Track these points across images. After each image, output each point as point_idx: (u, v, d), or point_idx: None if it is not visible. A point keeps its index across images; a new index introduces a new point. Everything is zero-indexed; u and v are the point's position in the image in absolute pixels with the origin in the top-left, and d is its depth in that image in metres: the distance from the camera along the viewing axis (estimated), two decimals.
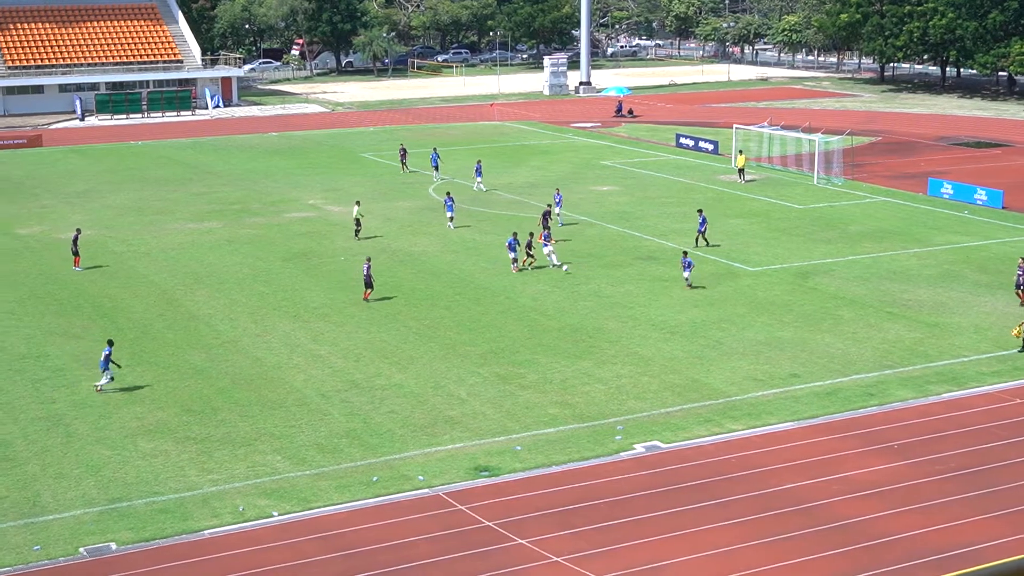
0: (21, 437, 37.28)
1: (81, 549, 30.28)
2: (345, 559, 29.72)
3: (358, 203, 64.66)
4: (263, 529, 31.37)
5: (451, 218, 65.85)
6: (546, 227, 60.23)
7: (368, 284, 51.34)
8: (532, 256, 55.93)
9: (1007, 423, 37.93)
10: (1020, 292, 49.83)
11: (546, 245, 57.30)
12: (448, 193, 68.12)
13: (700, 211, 61.47)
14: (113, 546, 30.47)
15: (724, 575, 28.79)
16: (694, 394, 40.51)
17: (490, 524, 31.44)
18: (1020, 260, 50.53)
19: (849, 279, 54.38)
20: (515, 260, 56.11)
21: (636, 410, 39.11)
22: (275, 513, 32.19)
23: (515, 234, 56.75)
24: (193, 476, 34.45)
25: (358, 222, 63.26)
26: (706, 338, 46.29)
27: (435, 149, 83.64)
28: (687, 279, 52.33)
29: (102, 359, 40.94)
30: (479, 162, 77.85)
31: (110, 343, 41.81)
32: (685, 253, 53.07)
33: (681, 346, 45.41)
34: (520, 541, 30.48)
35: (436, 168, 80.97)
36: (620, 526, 31.24)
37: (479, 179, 76.47)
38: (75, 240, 58.39)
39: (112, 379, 41.01)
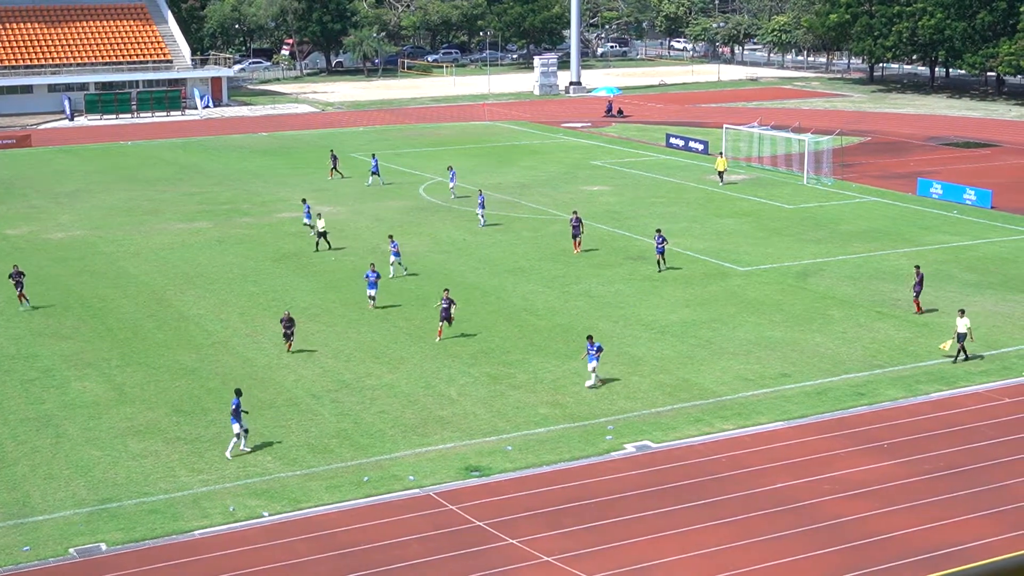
0: (10, 438, 37.21)
1: (71, 550, 30.25)
2: (336, 559, 29.71)
3: (320, 215, 62.17)
4: (253, 529, 31.35)
5: (308, 225, 64.10)
6: (576, 235, 59.63)
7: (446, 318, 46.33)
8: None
9: (996, 422, 38.02)
10: (917, 300, 49.00)
11: (395, 256, 54.85)
12: (304, 200, 67.15)
13: (659, 231, 56.66)
14: (103, 547, 30.44)
15: (714, 574, 28.83)
16: (684, 394, 40.56)
17: (481, 524, 31.45)
18: (915, 267, 50.06)
19: (839, 279, 54.48)
20: (373, 298, 50.27)
21: (626, 410, 39.15)
22: (265, 513, 32.17)
23: (372, 265, 51.81)
24: (183, 476, 34.42)
25: (324, 234, 60.77)
26: (696, 338, 46.34)
27: (374, 155, 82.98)
28: (592, 371, 41.05)
29: (232, 413, 36.08)
30: (451, 168, 76.63)
31: (238, 393, 36.70)
32: (590, 338, 41.40)
33: (671, 346, 45.46)
34: (511, 541, 30.50)
35: (376, 173, 79.75)
36: (610, 526, 31.27)
37: (452, 185, 74.77)
38: (15, 276, 51.64)
39: (246, 431, 36.15)
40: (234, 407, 35.92)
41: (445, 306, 45.88)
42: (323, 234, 60.76)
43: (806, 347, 45.17)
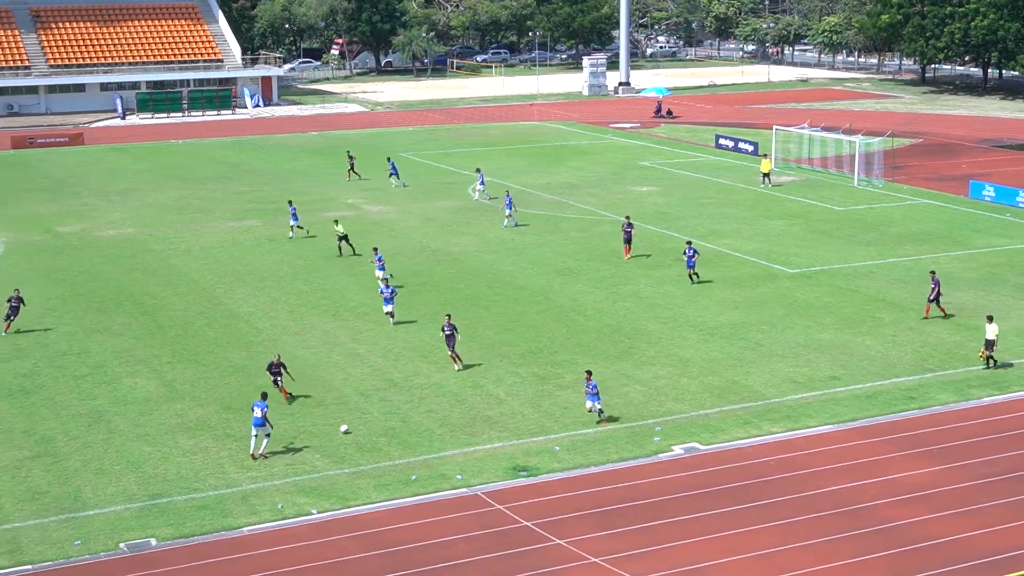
0: (62, 433, 37.57)
1: (121, 544, 30.49)
2: (383, 557, 29.77)
3: (337, 222, 61.48)
4: (302, 527, 31.47)
5: (293, 227, 63.99)
6: (628, 241, 58.64)
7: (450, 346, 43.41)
8: None
9: None
10: (935, 305, 48.21)
11: (380, 269, 52.97)
12: (290, 201, 66.61)
13: (689, 243, 55.00)
14: (153, 542, 30.66)
15: None
16: (733, 396, 40.37)
17: (528, 524, 31.44)
18: (931, 273, 49.28)
19: (890, 281, 54.05)
20: (391, 314, 48.35)
21: (675, 411, 39.01)
22: (314, 511, 32.30)
23: (386, 280, 50.03)
24: (233, 473, 34.62)
25: (346, 238, 60.03)
26: (745, 340, 46.12)
27: (389, 158, 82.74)
28: (596, 408, 38.28)
29: (258, 416, 35.43)
30: (479, 170, 76.45)
31: (264, 396, 36.20)
32: (589, 374, 38.41)
33: (720, 348, 45.26)
34: (558, 541, 30.46)
35: (396, 175, 79.49)
36: (658, 527, 31.18)
37: (481, 187, 74.28)
38: (14, 300, 48.17)
39: (269, 434, 35.80)
40: (263, 412, 35.54)
41: (448, 333, 43.06)
42: (344, 237, 60.11)
43: (856, 350, 44.84)
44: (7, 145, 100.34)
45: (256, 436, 35.70)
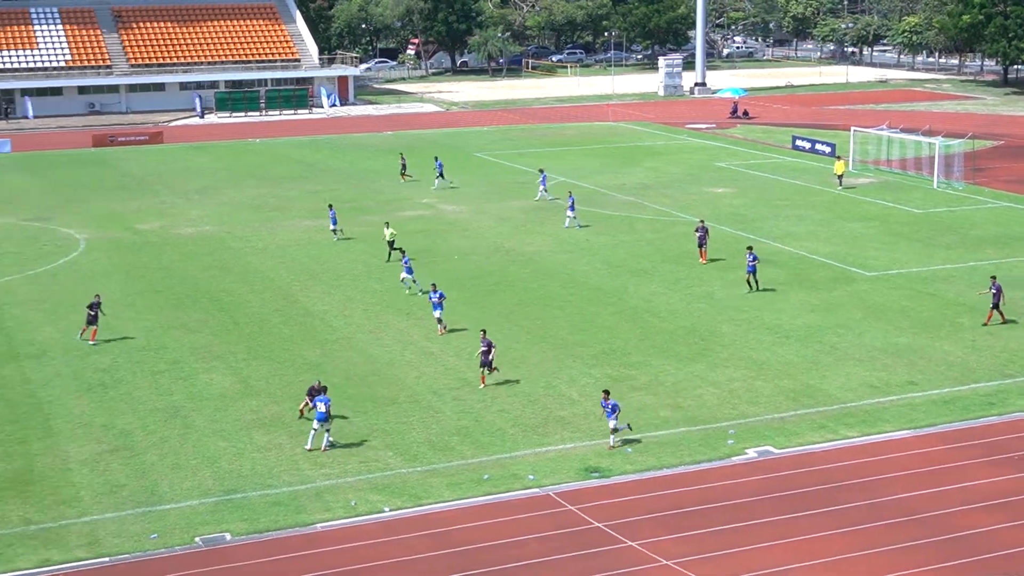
0: (140, 427, 38.04)
1: (197, 538, 30.81)
2: (454, 556, 29.81)
3: (388, 224, 61.03)
4: (374, 524, 31.61)
5: (334, 230, 63.99)
6: (702, 245, 57.75)
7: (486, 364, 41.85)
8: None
9: None
10: (998, 311, 47.41)
11: (407, 268, 52.59)
12: (330, 205, 66.11)
13: (750, 248, 53.49)
14: (228, 536, 30.95)
15: None
16: (808, 399, 40.00)
17: (600, 525, 31.35)
18: (992, 278, 48.48)
19: (969, 285, 53.25)
20: (440, 320, 47.62)
21: (749, 414, 38.73)
22: (387, 509, 32.44)
23: (434, 285, 48.59)
24: (307, 470, 34.85)
25: (391, 244, 59.23)
26: (821, 343, 45.68)
27: (437, 158, 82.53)
28: (615, 429, 36.43)
29: (322, 411, 36.05)
30: (542, 170, 75.98)
31: (324, 389, 36.86)
32: (606, 393, 36.82)
33: (795, 351, 44.86)
34: (630, 543, 30.34)
35: (441, 176, 79.31)
36: (731, 531, 30.95)
37: (543, 187, 74.03)
38: (94, 307, 47.00)
39: (328, 429, 36.26)
40: (327, 406, 36.04)
41: (484, 349, 41.49)
42: (391, 242, 59.40)
43: (934, 355, 44.25)
44: (89, 143, 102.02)
45: (316, 431, 36.11)
